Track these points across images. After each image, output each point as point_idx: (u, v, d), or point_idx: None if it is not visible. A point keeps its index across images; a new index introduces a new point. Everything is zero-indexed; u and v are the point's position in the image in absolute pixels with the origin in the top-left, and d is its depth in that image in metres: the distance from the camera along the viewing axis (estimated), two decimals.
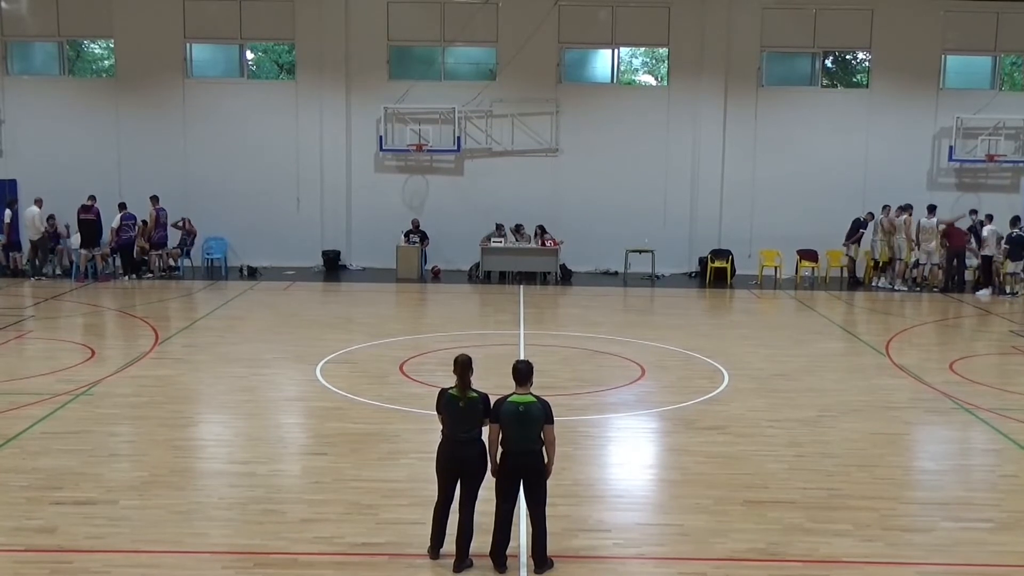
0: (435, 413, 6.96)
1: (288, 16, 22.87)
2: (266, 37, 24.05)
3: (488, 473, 6.80)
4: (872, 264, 22.00)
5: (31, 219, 20.62)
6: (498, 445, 6.74)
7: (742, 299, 20.35)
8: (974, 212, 21.54)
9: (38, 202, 20.65)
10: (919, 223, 20.90)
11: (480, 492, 6.82)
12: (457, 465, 6.76)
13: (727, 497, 8.22)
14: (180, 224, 21.84)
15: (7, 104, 23.05)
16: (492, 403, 6.74)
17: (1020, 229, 20.28)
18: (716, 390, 11.96)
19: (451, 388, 6.81)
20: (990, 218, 20.80)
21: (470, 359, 6.81)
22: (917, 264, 21.19)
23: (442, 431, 6.84)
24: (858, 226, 21.82)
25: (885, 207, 21.59)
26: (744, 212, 23.20)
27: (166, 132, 23.11)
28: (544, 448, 6.74)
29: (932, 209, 20.92)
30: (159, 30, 22.76)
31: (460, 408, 6.72)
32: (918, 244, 20.95)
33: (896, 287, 21.11)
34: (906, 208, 21.28)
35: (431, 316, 18.59)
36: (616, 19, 22.94)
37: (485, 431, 6.78)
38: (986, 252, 20.63)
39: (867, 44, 23.25)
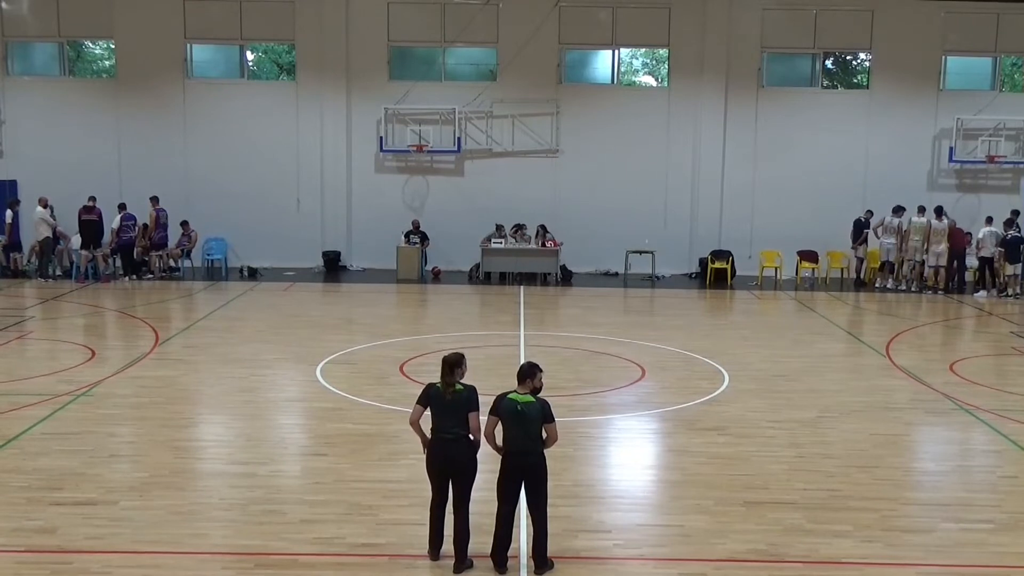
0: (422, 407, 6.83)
1: (288, 16, 22.87)
2: (266, 37, 24.04)
3: (495, 472, 6.79)
4: (879, 265, 21.91)
5: (39, 219, 20.58)
6: (494, 436, 6.73)
7: (742, 300, 20.35)
8: (1016, 213, 21.29)
9: (42, 201, 20.62)
10: (930, 224, 20.85)
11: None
12: (447, 466, 6.73)
13: (727, 498, 8.22)
14: (186, 234, 21.84)
15: (7, 104, 23.05)
16: (493, 401, 6.72)
17: (1017, 230, 20.27)
18: (716, 391, 11.96)
19: (438, 382, 6.79)
20: (989, 220, 20.76)
21: (457, 359, 6.73)
22: (922, 264, 21.15)
23: (431, 429, 6.80)
24: (861, 227, 21.81)
25: (898, 209, 21.42)
26: (744, 213, 23.20)
27: (166, 132, 23.11)
28: (544, 448, 6.73)
29: (940, 211, 20.87)
30: (159, 30, 22.76)
31: (446, 401, 6.67)
32: (926, 247, 20.88)
33: (900, 288, 21.11)
34: (898, 210, 21.26)
35: (431, 317, 18.59)
36: (616, 20, 22.95)
37: (473, 424, 6.68)
38: (983, 253, 20.64)
39: (867, 45, 23.26)
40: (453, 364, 6.71)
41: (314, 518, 7.63)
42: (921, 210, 21.20)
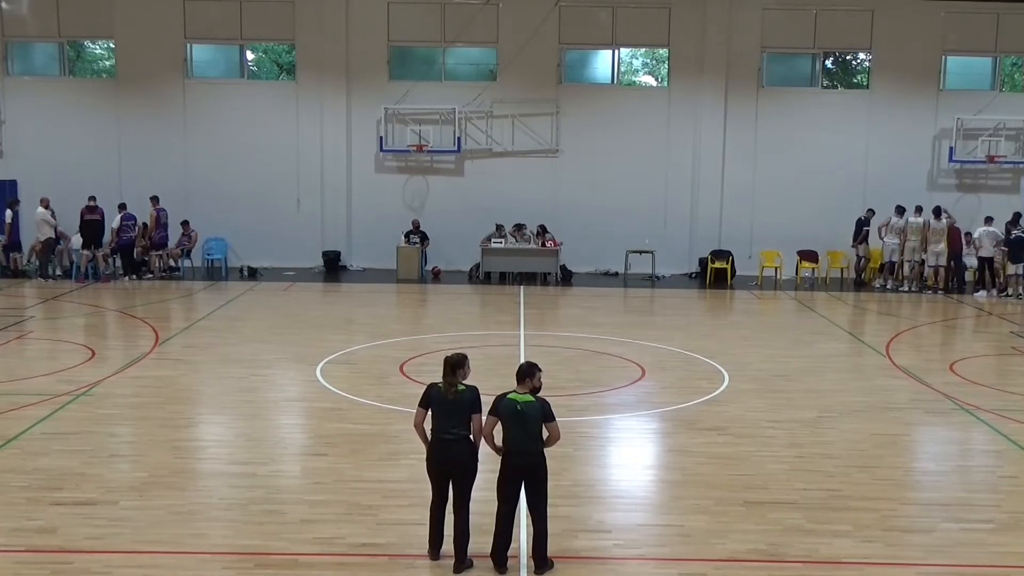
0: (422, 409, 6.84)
1: (288, 16, 22.87)
2: (266, 37, 24.03)
3: (495, 472, 6.78)
4: (880, 265, 21.90)
5: (41, 219, 20.57)
6: (493, 436, 6.72)
7: (742, 300, 20.35)
8: (1018, 215, 21.23)
9: (43, 201, 20.61)
10: (928, 224, 20.84)
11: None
12: (447, 466, 6.73)
13: (727, 498, 8.22)
14: (186, 234, 21.84)
15: (7, 104, 23.05)
16: (492, 401, 6.72)
17: (1020, 230, 20.26)
18: (716, 391, 11.96)
19: (439, 382, 6.79)
20: (989, 220, 20.73)
21: (459, 360, 6.71)
22: (922, 264, 21.15)
23: (431, 430, 6.79)
24: (861, 225, 21.85)
25: (900, 209, 21.41)
26: (744, 213, 23.20)
27: (166, 132, 23.11)
28: (545, 448, 6.73)
29: (938, 211, 20.86)
30: (159, 30, 22.76)
31: (448, 401, 6.66)
32: (925, 246, 20.89)
33: (900, 288, 21.11)
34: (899, 210, 21.29)
35: (431, 317, 18.59)
36: (616, 20, 22.95)
37: (476, 426, 6.69)
38: (982, 254, 20.64)
39: (867, 45, 23.26)
40: (455, 365, 6.70)
41: (314, 518, 7.63)
42: (918, 210, 21.20)
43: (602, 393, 11.88)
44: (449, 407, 6.66)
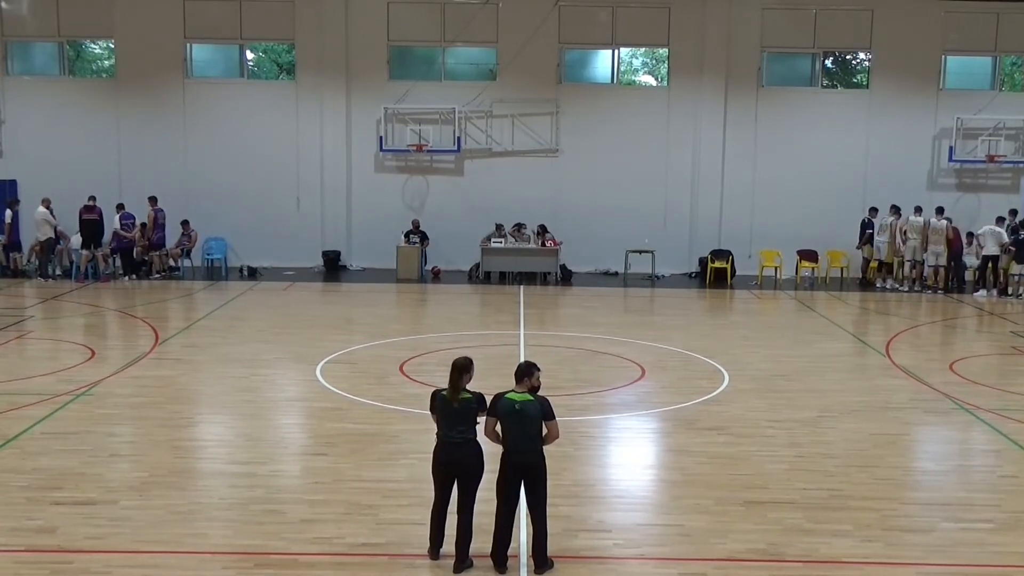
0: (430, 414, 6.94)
1: (288, 16, 22.87)
2: (266, 37, 24.04)
3: (488, 473, 6.78)
4: (876, 265, 21.93)
5: (41, 219, 20.57)
6: (496, 435, 6.72)
7: (742, 299, 20.35)
8: (1014, 212, 21.21)
9: (45, 201, 20.62)
10: (929, 224, 20.85)
11: (480, 493, 6.80)
12: (452, 468, 6.73)
13: (727, 498, 8.22)
14: (186, 233, 21.84)
15: (7, 104, 23.05)
16: (490, 400, 6.73)
17: None
18: (716, 390, 11.96)
19: (444, 389, 6.80)
20: (1000, 220, 20.70)
21: (466, 364, 6.74)
22: (921, 264, 21.14)
23: (436, 433, 6.81)
24: (865, 227, 21.87)
25: (895, 209, 21.43)
26: (744, 212, 23.21)
27: (166, 132, 23.11)
28: (543, 446, 6.72)
29: (940, 211, 20.86)
30: (159, 30, 22.76)
31: (454, 408, 6.68)
32: (925, 246, 20.90)
33: (900, 287, 21.11)
34: (894, 210, 21.33)
35: (431, 316, 18.58)
36: (616, 19, 22.95)
37: (480, 429, 6.72)
38: (985, 252, 20.62)
39: (867, 44, 23.26)
40: (461, 369, 6.71)
41: (314, 518, 7.63)
42: (917, 210, 21.18)
43: (602, 393, 11.88)
44: (455, 412, 6.69)
